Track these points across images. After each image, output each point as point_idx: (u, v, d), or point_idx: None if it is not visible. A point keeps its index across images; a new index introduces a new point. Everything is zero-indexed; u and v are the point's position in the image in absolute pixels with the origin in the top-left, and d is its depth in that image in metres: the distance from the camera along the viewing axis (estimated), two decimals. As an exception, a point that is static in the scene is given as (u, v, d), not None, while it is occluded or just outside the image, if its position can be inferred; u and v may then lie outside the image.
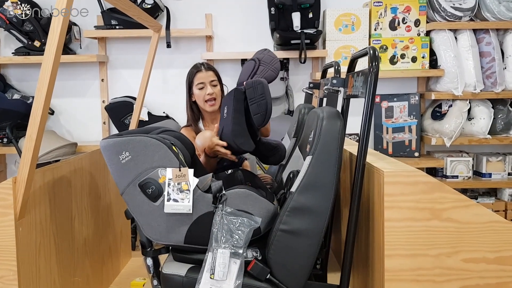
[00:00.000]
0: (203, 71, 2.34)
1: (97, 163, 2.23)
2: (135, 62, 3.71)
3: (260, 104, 1.77)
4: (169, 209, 1.60)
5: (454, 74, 3.46)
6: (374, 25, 3.57)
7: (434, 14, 3.54)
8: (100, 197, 2.24)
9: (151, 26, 2.38)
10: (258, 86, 1.76)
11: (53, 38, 1.43)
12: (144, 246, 1.80)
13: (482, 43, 3.53)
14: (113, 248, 2.41)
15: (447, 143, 3.46)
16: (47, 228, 1.71)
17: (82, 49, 3.67)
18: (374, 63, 1.55)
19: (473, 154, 3.70)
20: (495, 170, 3.64)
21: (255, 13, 3.69)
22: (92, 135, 3.75)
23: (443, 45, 3.51)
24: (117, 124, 3.49)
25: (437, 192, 1.47)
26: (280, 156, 1.90)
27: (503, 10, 3.43)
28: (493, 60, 3.49)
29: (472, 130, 3.52)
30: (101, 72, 3.68)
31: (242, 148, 1.77)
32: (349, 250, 1.60)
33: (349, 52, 3.57)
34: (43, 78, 1.45)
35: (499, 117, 3.53)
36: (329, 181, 1.57)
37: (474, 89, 3.47)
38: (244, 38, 3.71)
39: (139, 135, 1.62)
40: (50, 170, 1.75)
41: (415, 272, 1.50)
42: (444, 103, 3.63)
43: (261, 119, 1.77)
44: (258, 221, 1.60)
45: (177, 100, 3.71)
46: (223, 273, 1.56)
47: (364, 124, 1.57)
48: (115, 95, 3.67)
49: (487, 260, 1.49)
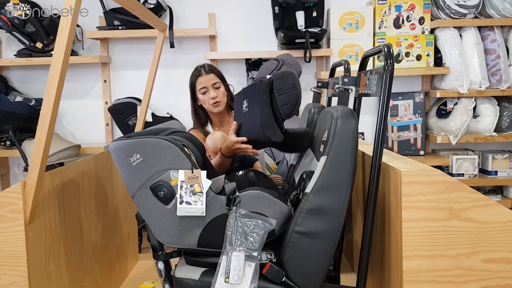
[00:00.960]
0: (204, 75, 2.32)
1: (104, 165, 2.20)
2: (138, 62, 3.68)
3: (291, 94, 1.75)
4: (181, 212, 1.57)
5: (459, 72, 3.44)
6: (379, 23, 3.55)
7: (438, 12, 3.51)
8: (107, 200, 2.21)
9: (156, 25, 2.36)
10: (289, 77, 1.75)
11: (62, 38, 1.40)
12: (155, 250, 1.77)
13: (487, 40, 3.51)
14: (120, 251, 2.38)
15: (452, 141, 3.44)
16: (56, 232, 1.68)
17: (85, 50, 3.63)
18: (389, 61, 1.53)
19: (478, 152, 3.68)
20: (501, 167, 3.62)
21: (258, 12, 3.66)
22: (95, 136, 3.71)
23: (448, 42, 3.49)
24: (121, 126, 3.45)
25: (455, 191, 1.45)
26: (309, 141, 1.88)
27: (508, 6, 3.41)
28: (498, 57, 3.47)
29: (478, 127, 3.50)
30: (104, 73, 3.64)
31: (272, 140, 1.74)
32: (365, 252, 1.57)
33: (353, 51, 3.55)
34: (52, 80, 1.42)
35: (504, 115, 3.51)
36: (345, 181, 1.54)
37: (479, 86, 3.44)
38: (248, 37, 3.68)
39: (149, 137, 1.59)
40: (59, 174, 1.72)
41: (433, 273, 1.48)
42: (449, 101, 3.61)
43: (290, 109, 1.75)
44: (273, 223, 1.58)
45: (181, 100, 3.68)
46: (238, 276, 1.53)
47: (379, 123, 1.54)
48: (118, 96, 3.63)
49: (508, 260, 1.47)
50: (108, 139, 3.69)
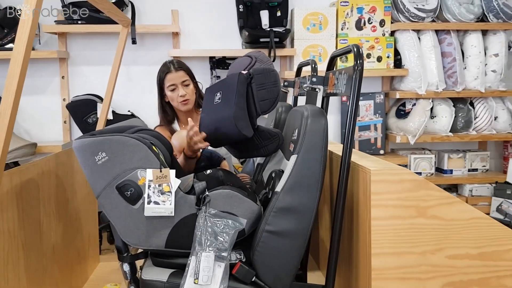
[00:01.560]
0: (173, 71, 2.27)
1: (64, 164, 2.12)
2: (98, 58, 3.58)
3: (271, 91, 1.71)
4: (149, 212, 1.53)
5: (417, 74, 3.53)
6: (341, 24, 3.60)
7: (398, 15, 3.60)
8: (68, 200, 2.13)
9: (120, 21, 2.30)
10: (271, 73, 1.71)
11: (23, 34, 1.33)
12: (120, 251, 1.72)
13: (444, 44, 3.62)
14: (81, 253, 2.30)
15: (411, 141, 3.53)
16: (15, 235, 1.60)
17: (41, 45, 3.50)
18: (359, 61, 1.54)
19: (435, 151, 3.80)
20: (456, 166, 3.75)
21: (222, 10, 3.64)
22: (52, 134, 3.58)
23: (407, 45, 3.58)
24: (80, 123, 3.35)
25: (422, 189, 1.48)
26: (277, 145, 1.83)
27: (464, 11, 3.53)
28: (454, 60, 3.58)
29: (435, 128, 3.61)
30: (62, 69, 3.52)
31: (243, 132, 1.70)
32: (334, 250, 1.58)
33: (317, 51, 3.58)
34: (12, 77, 1.35)
35: (459, 115, 3.63)
36: (315, 180, 1.55)
37: (436, 88, 3.55)
38: (212, 35, 3.65)
39: (116, 135, 1.54)
40: (18, 173, 1.64)
41: (400, 270, 1.50)
42: (408, 101, 3.70)
43: (269, 105, 1.72)
44: (243, 222, 1.56)
45: (142, 98, 3.61)
46: (207, 277, 1.51)
47: (349, 121, 1.55)
48: (77, 93, 3.52)
49: (470, 256, 1.51)
50: (65, 137, 3.57)
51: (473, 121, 3.63)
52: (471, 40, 3.58)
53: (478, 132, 3.63)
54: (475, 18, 3.55)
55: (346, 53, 1.71)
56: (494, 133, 3.63)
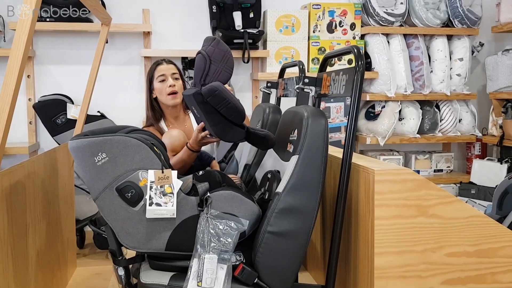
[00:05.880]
0: (164, 64, 2.30)
1: (49, 166, 2.03)
2: (65, 57, 3.45)
3: (230, 108, 1.64)
4: (151, 214, 1.49)
5: (387, 77, 3.63)
6: (313, 27, 3.64)
7: (368, 19, 3.68)
8: (50, 203, 2.04)
9: (102, 18, 2.22)
10: (216, 95, 1.61)
11: (23, 34, 1.27)
12: (114, 255, 1.66)
13: (412, 48, 3.74)
14: (61, 258, 2.21)
15: (381, 142, 3.62)
16: (4, 240, 1.51)
17: (6, 42, 3.33)
18: (360, 62, 1.57)
19: (402, 152, 3.91)
20: (422, 167, 3.87)
21: (195, 10, 3.60)
22: (16, 135, 3.41)
23: (377, 48, 3.67)
24: (47, 124, 3.21)
25: (423, 189, 1.51)
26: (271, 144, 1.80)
27: (430, 17, 3.66)
28: (422, 64, 3.71)
29: (403, 129, 3.72)
30: (27, 68, 3.36)
31: (235, 141, 1.68)
32: (335, 250, 1.60)
33: (289, 53, 3.60)
34: (10, 75, 1.28)
35: (426, 118, 3.76)
36: (316, 180, 1.55)
37: (404, 91, 3.66)
38: (184, 35, 3.60)
39: (117, 135, 1.49)
40: (7, 175, 1.56)
41: (402, 268, 1.53)
42: (377, 104, 3.79)
43: (239, 116, 1.68)
44: (245, 223, 1.55)
45: (112, 99, 3.51)
46: (211, 279, 1.48)
47: (350, 122, 1.57)
48: (43, 93, 3.38)
49: (468, 254, 1.56)
50: (31, 138, 3.42)
51: (439, 123, 3.76)
52: (437, 45, 3.72)
53: (443, 134, 3.77)
54: (441, 23, 3.69)
55: (343, 54, 1.73)
56: (459, 134, 3.78)
